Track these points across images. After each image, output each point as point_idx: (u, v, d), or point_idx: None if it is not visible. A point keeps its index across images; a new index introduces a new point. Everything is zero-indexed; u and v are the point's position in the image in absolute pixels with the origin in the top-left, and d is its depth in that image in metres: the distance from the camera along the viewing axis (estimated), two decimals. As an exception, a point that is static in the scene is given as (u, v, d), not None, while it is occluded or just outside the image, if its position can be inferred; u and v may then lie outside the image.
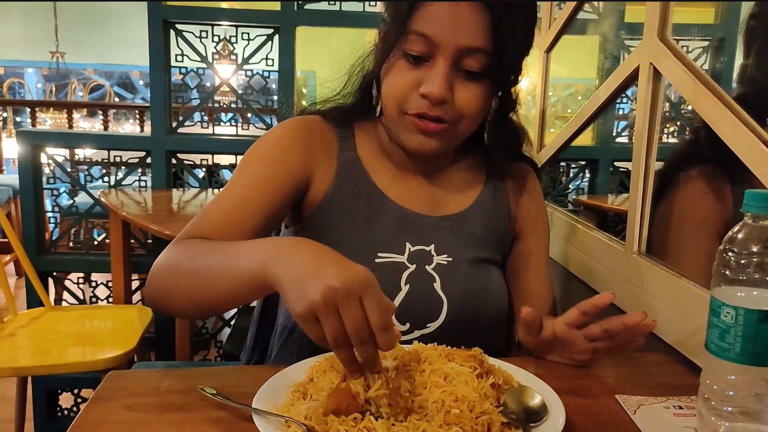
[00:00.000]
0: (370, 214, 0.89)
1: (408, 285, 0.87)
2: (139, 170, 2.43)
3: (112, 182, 2.43)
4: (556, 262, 1.31)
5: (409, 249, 0.88)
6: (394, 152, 0.92)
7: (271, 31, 2.32)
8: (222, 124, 2.57)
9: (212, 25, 2.34)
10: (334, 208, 0.89)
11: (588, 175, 2.03)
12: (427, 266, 0.88)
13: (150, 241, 2.39)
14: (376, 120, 0.93)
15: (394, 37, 0.81)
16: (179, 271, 0.74)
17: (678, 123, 1.50)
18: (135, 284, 2.41)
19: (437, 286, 0.88)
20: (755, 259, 0.57)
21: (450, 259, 0.90)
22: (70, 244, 3.07)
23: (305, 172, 0.88)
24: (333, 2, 2.33)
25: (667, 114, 1.39)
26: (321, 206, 0.89)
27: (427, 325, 0.87)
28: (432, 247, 0.89)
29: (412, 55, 0.80)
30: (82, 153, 2.53)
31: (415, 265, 0.88)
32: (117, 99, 7.87)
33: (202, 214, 0.82)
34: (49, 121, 5.81)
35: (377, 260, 0.87)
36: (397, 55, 0.82)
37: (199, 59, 2.34)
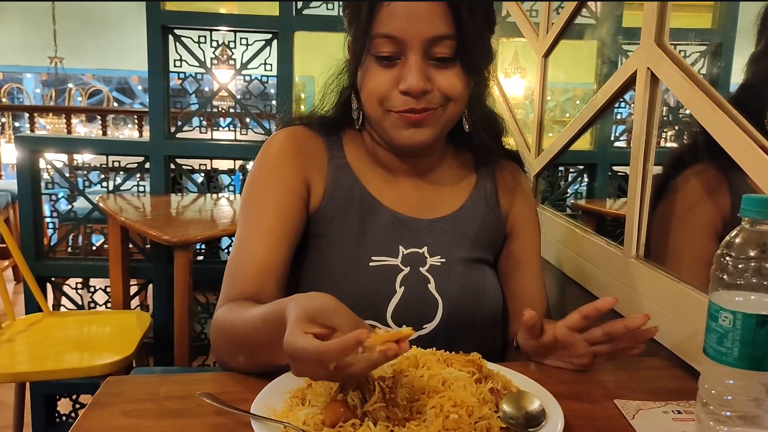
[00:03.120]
0: (363, 219, 0.91)
1: (403, 287, 0.88)
2: (138, 175, 2.43)
3: (111, 187, 2.42)
4: (554, 267, 1.31)
5: (403, 252, 0.90)
6: (383, 157, 0.94)
7: (269, 36, 2.32)
8: (220, 129, 2.57)
9: (211, 31, 2.34)
10: (328, 215, 0.90)
11: (586, 179, 2.04)
12: (421, 268, 0.90)
13: (148, 246, 2.38)
14: (361, 128, 0.95)
15: (361, 45, 0.83)
16: (233, 345, 0.77)
17: (676, 127, 1.50)
18: (133, 289, 2.40)
19: (432, 287, 0.89)
20: (753, 264, 0.57)
21: (443, 260, 0.91)
22: (69, 249, 3.05)
23: (305, 185, 0.90)
24: (331, 8, 2.34)
25: (665, 118, 1.40)
26: (317, 214, 0.90)
27: (424, 326, 0.88)
28: (425, 249, 0.91)
29: (383, 56, 0.82)
30: (80, 158, 2.53)
31: (409, 268, 0.89)
32: (116, 104, 7.87)
33: (235, 270, 0.84)
34: (48, 126, 5.81)
35: (371, 264, 0.88)
36: (368, 61, 0.84)
37: (198, 64, 2.34)
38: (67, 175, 2.46)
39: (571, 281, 1.24)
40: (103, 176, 2.44)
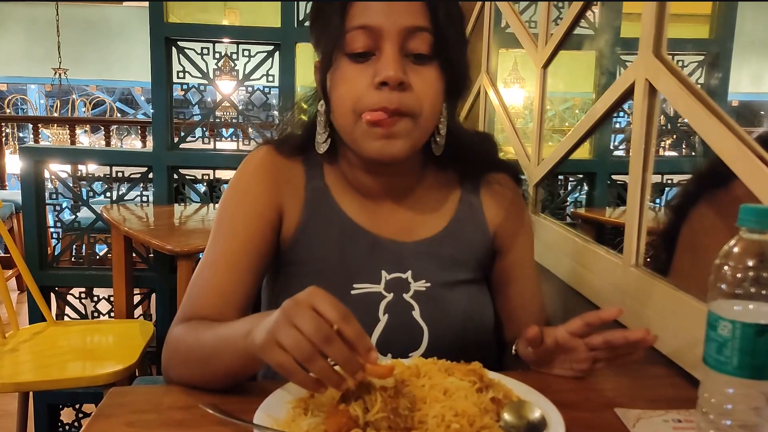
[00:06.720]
0: (343, 245, 0.87)
1: (387, 315, 0.85)
2: (141, 185, 2.45)
3: (114, 197, 2.44)
4: (553, 275, 1.32)
5: (385, 277, 0.86)
6: (360, 180, 0.89)
7: (271, 47, 2.34)
8: (223, 139, 2.58)
9: (213, 42, 2.37)
10: (305, 240, 0.87)
11: (586, 188, 2.05)
12: (404, 294, 0.86)
13: (152, 255, 2.39)
14: (335, 152, 0.90)
15: (333, 43, 0.79)
16: (187, 359, 0.76)
17: (674, 136, 1.51)
18: (136, 299, 2.41)
19: (416, 314, 0.86)
20: (751, 273, 0.57)
21: (428, 284, 0.87)
22: (72, 259, 3.07)
23: (277, 211, 0.87)
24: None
25: (663, 127, 1.41)
26: (293, 240, 0.87)
27: (409, 355, 0.84)
28: (409, 273, 0.87)
29: (358, 52, 0.78)
30: (84, 168, 2.55)
31: (392, 294, 0.86)
32: (119, 114, 7.92)
33: (194, 289, 0.83)
34: (52, 137, 5.84)
35: (353, 292, 0.85)
36: (340, 61, 0.79)
37: (201, 75, 2.36)
38: (71, 185, 2.48)
39: (570, 290, 1.24)
40: (106, 186, 2.46)
